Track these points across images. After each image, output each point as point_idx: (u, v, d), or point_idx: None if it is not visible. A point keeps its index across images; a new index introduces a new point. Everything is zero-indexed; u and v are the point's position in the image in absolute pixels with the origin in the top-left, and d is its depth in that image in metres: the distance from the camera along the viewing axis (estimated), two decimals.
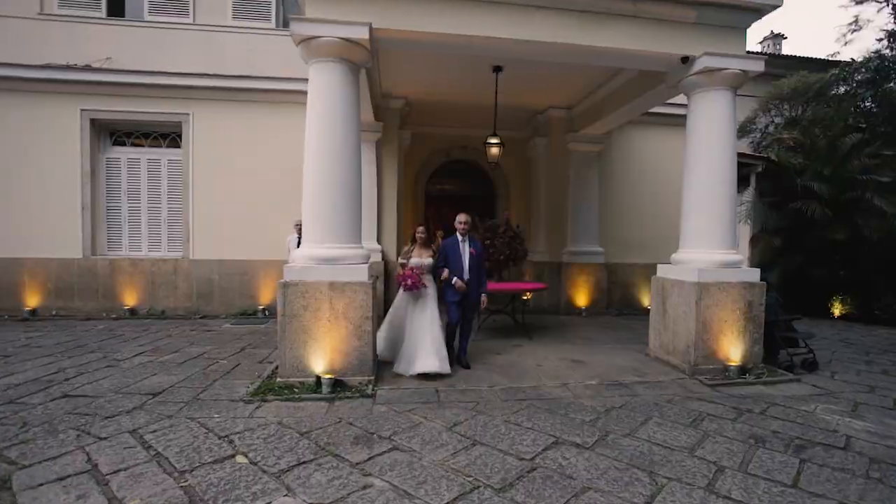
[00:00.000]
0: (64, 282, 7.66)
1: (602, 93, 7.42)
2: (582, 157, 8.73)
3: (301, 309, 4.17)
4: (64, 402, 3.74)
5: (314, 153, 4.39)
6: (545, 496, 2.45)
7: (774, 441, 3.19)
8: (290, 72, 7.86)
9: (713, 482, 2.63)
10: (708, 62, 4.78)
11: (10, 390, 3.99)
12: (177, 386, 4.18)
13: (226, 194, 7.92)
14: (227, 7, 8.02)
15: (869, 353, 6.00)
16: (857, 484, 2.63)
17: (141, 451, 2.89)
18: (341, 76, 4.40)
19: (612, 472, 2.72)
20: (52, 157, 7.55)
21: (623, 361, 5.27)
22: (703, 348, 4.79)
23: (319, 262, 4.23)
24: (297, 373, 4.19)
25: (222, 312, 7.98)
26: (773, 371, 4.86)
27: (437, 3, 4.36)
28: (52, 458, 2.77)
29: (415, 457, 2.88)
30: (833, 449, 3.08)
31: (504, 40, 4.54)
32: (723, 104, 4.93)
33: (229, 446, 2.99)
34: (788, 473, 2.73)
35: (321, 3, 4.23)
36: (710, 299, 4.78)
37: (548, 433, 3.26)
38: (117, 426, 3.27)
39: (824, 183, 8.63)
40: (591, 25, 4.59)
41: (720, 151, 4.94)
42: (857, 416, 3.70)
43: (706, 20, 4.76)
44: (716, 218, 4.98)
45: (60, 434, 3.12)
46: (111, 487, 2.47)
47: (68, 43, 7.59)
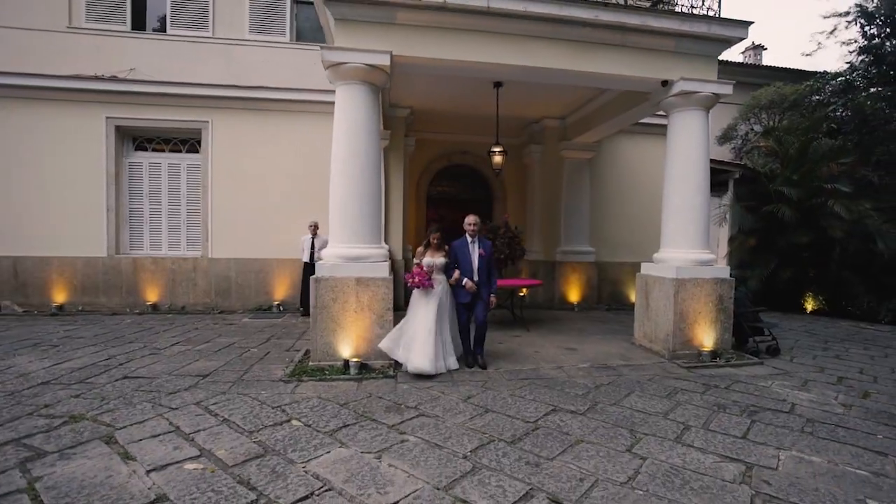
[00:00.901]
0: (90, 279, 8.15)
1: (592, 106, 8.10)
2: (574, 163, 9.41)
3: (331, 301, 4.76)
4: (127, 381, 4.30)
5: (341, 165, 4.98)
6: (547, 446, 3.09)
7: (733, 408, 3.87)
8: (302, 83, 8.46)
9: (681, 436, 3.29)
10: (684, 86, 5.47)
11: (75, 373, 4.54)
12: (220, 370, 4.75)
13: (242, 197, 8.46)
14: (245, 22, 8.56)
15: (828, 341, 6.74)
16: (793, 436, 3.31)
17: (210, 418, 3.48)
18: (365, 96, 5.00)
19: (600, 430, 3.37)
20: (78, 162, 8.03)
21: (611, 348, 5.94)
22: (680, 336, 5.47)
23: (347, 260, 4.83)
24: (327, 357, 4.78)
25: (239, 308, 8.52)
26: (741, 356, 5.56)
27: (450, 34, 4.97)
28: (140, 422, 3.35)
29: (439, 420, 3.50)
30: (779, 413, 3.76)
31: (509, 66, 5.18)
32: (697, 123, 5.61)
33: (283, 414, 3.58)
34: (741, 430, 3.41)
35: (349, 34, 4.82)
36: (686, 293, 5.46)
37: (547, 403, 3.91)
38: (182, 399, 3.85)
39: (794, 188, 9.38)
40: (584, 53, 5.24)
41: (695, 164, 5.62)
42: (805, 389, 4.40)
43: (683, 49, 5.44)
44: (691, 222, 5.66)
45: (137, 405, 3.69)
46: (197, 442, 3.06)
47: (94, 55, 8.09)
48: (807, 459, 2.97)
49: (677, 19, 5.30)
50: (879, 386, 4.61)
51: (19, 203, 7.87)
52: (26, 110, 7.82)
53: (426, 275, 4.72)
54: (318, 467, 2.74)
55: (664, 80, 5.54)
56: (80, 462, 2.73)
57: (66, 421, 3.33)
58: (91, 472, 2.63)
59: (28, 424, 3.26)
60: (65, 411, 3.52)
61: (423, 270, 4.73)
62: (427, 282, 4.71)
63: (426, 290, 4.73)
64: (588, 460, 2.90)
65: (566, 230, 9.48)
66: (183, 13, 8.42)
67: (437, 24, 4.94)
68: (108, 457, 2.81)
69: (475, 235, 4.92)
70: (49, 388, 4.07)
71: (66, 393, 3.94)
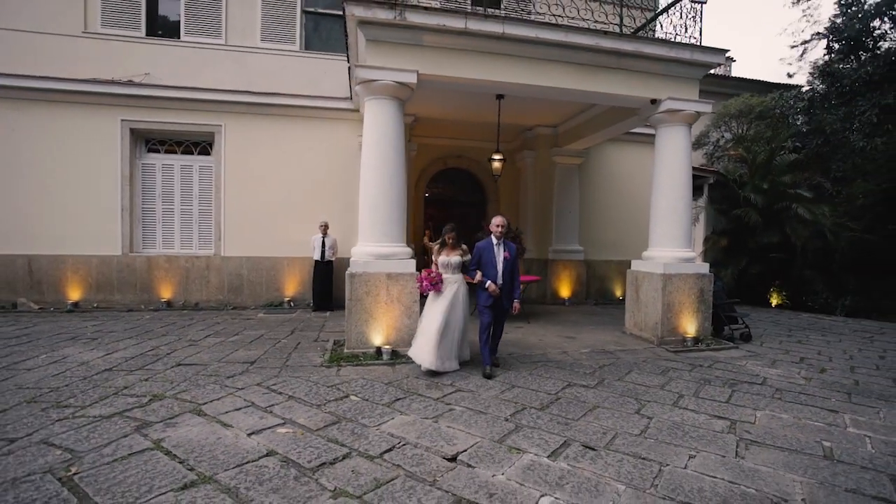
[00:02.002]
0: (104, 277, 8.40)
1: (583, 117, 8.83)
2: (565, 168, 10.14)
3: (364, 294, 5.30)
4: (182, 368, 4.74)
5: (371, 171, 5.51)
6: (570, 411, 3.73)
7: (716, 381, 4.61)
8: (311, 90, 8.91)
9: (677, 402, 3.99)
10: (671, 104, 6.22)
11: (130, 361, 4.94)
12: (263, 357, 5.22)
13: (254, 197, 8.84)
14: (256, 30, 8.93)
15: (791, 330, 7.66)
16: (766, 400, 4.06)
17: (276, 395, 3.98)
18: (392, 110, 5.55)
19: (611, 399, 4.04)
20: (93, 163, 8.26)
21: (606, 337, 6.67)
22: (667, 324, 6.23)
23: (378, 257, 5.37)
24: (360, 345, 5.32)
25: (251, 304, 8.90)
26: (718, 341, 6.36)
27: (470, 55, 5.57)
28: (217, 399, 3.83)
29: (475, 395, 4.10)
30: (754, 384, 4.52)
31: (521, 85, 5.82)
32: (681, 137, 6.39)
33: (339, 391, 4.12)
34: (724, 397, 4.14)
35: (379, 54, 5.36)
36: (672, 287, 6.22)
37: (562, 380, 4.56)
38: (243, 381, 4.33)
39: (760, 194, 10.38)
40: (586, 75, 5.93)
41: (679, 173, 6.40)
42: (774, 367, 5.20)
43: (670, 72, 6.19)
44: (676, 224, 6.43)
45: (206, 386, 4.15)
46: (276, 413, 3.57)
47: (109, 59, 8.32)
48: (777, 416, 3.70)
49: (665, 46, 6.04)
50: (833, 364, 5.46)
51: (34, 202, 8.04)
52: (43, 112, 8.01)
53: (433, 280, 4.75)
54: (389, 428, 3.30)
55: (653, 98, 6.28)
56: (186, 429, 3.22)
57: (152, 399, 3.78)
58: (201, 435, 3.12)
59: (120, 402, 3.70)
60: (144, 392, 3.96)
61: (430, 275, 4.78)
62: (434, 286, 4.74)
63: (436, 293, 4.79)
64: (606, 420, 3.56)
65: (557, 230, 10.21)
66: (197, 21, 8.73)
67: (459, 47, 5.52)
68: (207, 425, 3.30)
69: (501, 237, 4.78)
70: (115, 374, 4.48)
71: (134, 377, 4.36)
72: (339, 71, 9.07)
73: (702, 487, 2.60)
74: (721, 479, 2.69)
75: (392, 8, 5.19)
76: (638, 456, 2.97)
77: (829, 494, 2.57)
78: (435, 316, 4.70)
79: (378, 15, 5.18)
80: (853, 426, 3.55)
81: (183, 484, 2.49)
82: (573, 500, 2.44)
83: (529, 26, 5.57)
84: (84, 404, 3.64)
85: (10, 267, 8.04)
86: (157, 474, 2.59)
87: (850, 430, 3.47)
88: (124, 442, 2.99)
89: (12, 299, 8.08)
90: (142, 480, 2.52)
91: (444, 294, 4.77)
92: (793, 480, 2.71)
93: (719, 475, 2.74)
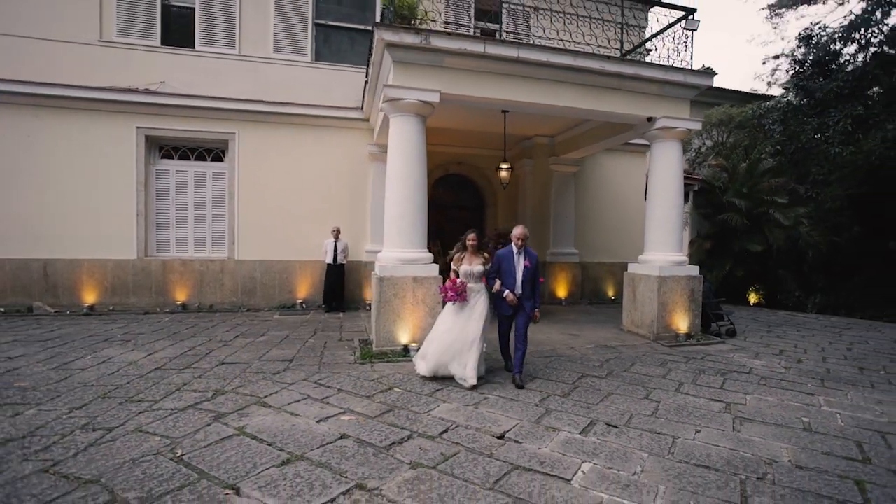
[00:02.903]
0: (120, 280, 8.62)
1: (580, 129, 9.43)
2: (562, 176, 10.75)
3: (392, 297, 5.75)
4: (227, 366, 5.11)
5: (396, 183, 5.97)
6: (589, 397, 4.28)
7: (709, 371, 5.23)
8: (322, 100, 9.30)
9: (678, 388, 4.58)
10: (665, 122, 6.85)
11: (175, 361, 5.28)
12: (298, 356, 5.62)
13: (266, 202, 9.17)
14: (269, 41, 9.26)
15: (770, 326, 8.40)
16: (753, 386, 4.68)
17: (326, 389, 4.41)
18: (415, 126, 6.02)
19: (622, 387, 4.60)
20: (109, 169, 8.47)
21: (606, 334, 7.26)
22: (662, 322, 6.85)
23: (404, 262, 5.84)
24: (388, 343, 5.77)
25: (264, 306, 9.23)
26: (707, 337, 7.02)
27: (488, 76, 6.08)
28: (274, 393, 4.24)
29: (503, 385, 4.61)
30: (742, 373, 5.16)
31: (533, 104, 6.36)
32: (674, 151, 7.03)
33: (382, 384, 4.57)
34: (718, 384, 4.75)
35: (405, 75, 5.82)
36: (666, 288, 6.85)
37: (576, 372, 5.11)
38: (290, 377, 4.74)
39: (743, 199, 11.18)
40: (592, 95, 6.51)
41: (672, 184, 7.04)
42: (757, 358, 5.86)
43: (665, 93, 6.82)
44: (669, 230, 7.07)
45: (258, 382, 4.55)
46: (333, 404, 4.01)
47: (125, 67, 8.56)
48: (764, 399, 4.32)
49: (661, 70, 6.67)
50: (808, 356, 6.16)
51: (49, 207, 8.21)
52: (60, 119, 8.20)
53: (458, 289, 4.57)
54: (439, 414, 3.78)
55: (650, 116, 6.90)
56: (259, 418, 3.64)
57: (215, 394, 4.18)
58: (276, 423, 3.55)
59: (187, 397, 4.08)
60: (204, 388, 4.35)
61: (455, 284, 4.59)
62: (459, 296, 4.58)
63: (462, 303, 4.64)
64: (621, 404, 4.11)
65: (554, 234, 10.80)
66: (211, 31, 9.01)
67: (477, 69, 6.03)
68: (277, 415, 3.73)
69: (522, 247, 4.72)
70: (167, 372, 4.83)
71: (187, 375, 4.73)
72: (349, 81, 9.49)
73: (709, 454, 3.16)
74: (723, 447, 3.27)
75: (418, 33, 5.66)
76: (653, 431, 3.52)
77: (808, 457, 3.16)
78: (453, 327, 4.59)
79: (405, 39, 5.64)
80: (826, 405, 4.19)
81: (281, 461, 2.93)
82: (608, 464, 2.97)
83: (541, 51, 6.11)
84: (155, 399, 4.01)
85: (25, 271, 8.21)
86: (254, 454, 3.02)
87: (823, 409, 4.10)
88: (210, 429, 3.40)
89: (27, 303, 8.25)
90: (243, 459, 2.95)
91: (468, 305, 4.64)
92: (780, 447, 3.30)
93: (722, 444, 3.32)
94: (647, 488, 2.70)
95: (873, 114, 11.67)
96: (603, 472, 2.88)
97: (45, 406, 3.77)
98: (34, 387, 4.24)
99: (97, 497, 2.48)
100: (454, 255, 4.89)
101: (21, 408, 3.72)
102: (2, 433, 3.24)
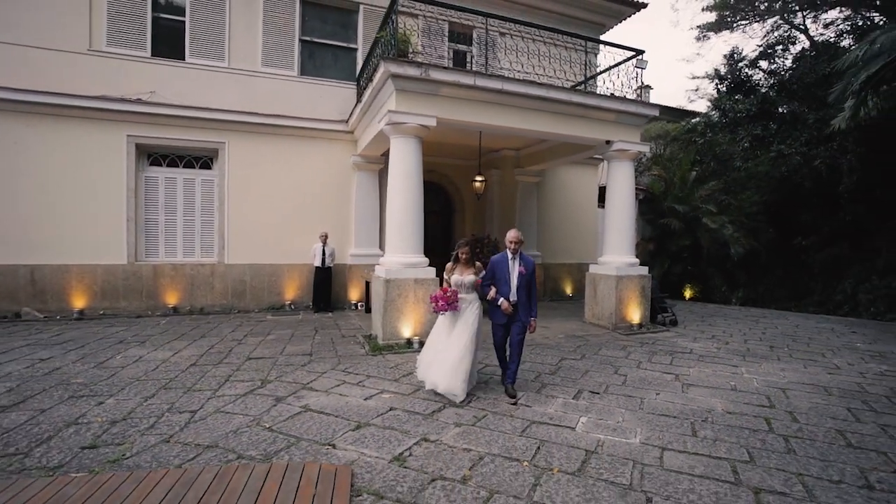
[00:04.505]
0: (110, 285, 8.77)
1: (544, 145, 10.62)
2: (526, 185, 11.93)
3: (396, 296, 6.57)
4: (256, 361, 5.72)
5: (398, 196, 6.78)
6: (571, 374, 5.35)
7: (660, 352, 6.49)
8: (308, 113, 9.87)
9: (639, 365, 5.77)
10: (621, 145, 8.13)
11: (204, 358, 5.81)
12: (314, 351, 6.30)
13: (255, 209, 9.62)
14: (258, 55, 9.69)
15: (703, 317, 10.00)
16: (694, 362, 5.98)
17: (357, 375, 5.17)
18: (414, 146, 6.86)
19: (595, 366, 5.72)
20: (99, 176, 8.61)
21: (572, 326, 8.46)
22: (619, 315, 8.12)
23: (406, 266, 6.67)
24: (393, 337, 6.58)
25: (254, 307, 9.67)
26: (654, 326, 8.39)
27: (477, 104, 7.03)
28: (315, 379, 4.95)
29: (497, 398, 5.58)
30: (685, 353, 6.47)
31: (512, 128, 7.39)
32: (627, 169, 8.33)
33: (400, 370, 5.39)
34: (668, 361, 6.00)
35: (406, 102, 6.64)
36: (622, 285, 8.13)
37: (555, 356, 6.19)
38: (319, 368, 5.45)
39: (679, 205, 12.90)
40: (561, 121, 7.63)
41: (626, 197, 8.34)
42: (695, 342, 7.25)
43: (621, 121, 8.09)
44: (624, 237, 8.37)
45: (293, 372, 5.23)
46: (369, 386, 4.79)
47: (114, 77, 8.71)
48: (702, 370, 5.60)
49: (618, 102, 7.93)
50: (734, 339, 7.63)
51: (37, 213, 8.24)
52: (49, 126, 8.25)
53: (449, 299, 4.45)
54: None
55: (608, 140, 8.15)
56: (314, 398, 4.37)
57: (262, 383, 4.83)
58: (331, 402, 4.30)
59: (240, 386, 4.72)
60: (248, 378, 4.98)
61: (446, 294, 4.48)
62: (450, 305, 4.47)
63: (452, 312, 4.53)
64: (597, 378, 5.22)
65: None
66: (201, 44, 9.32)
67: (468, 98, 6.96)
68: (327, 395, 4.47)
69: (517, 252, 4.58)
70: (204, 367, 5.38)
71: (225, 369, 5.31)
72: (332, 95, 10.11)
73: (668, 408, 4.30)
74: (677, 403, 4.42)
75: (419, 66, 6.52)
76: (626, 395, 4.63)
77: (734, 406, 4.38)
78: (447, 338, 4.52)
79: (408, 71, 6.48)
80: (746, 373, 5.52)
81: (354, 426, 3.72)
82: (599, 417, 4.02)
83: (520, 84, 7.15)
84: (213, 388, 4.62)
85: (12, 276, 8.20)
86: (329, 424, 3.78)
87: (744, 376, 5.42)
88: (278, 408, 4.11)
89: (14, 309, 8.24)
90: (322, 427, 3.71)
91: (460, 315, 4.53)
92: (715, 401, 4.50)
93: (675, 402, 4.47)
94: (629, 430, 3.76)
95: (770, 134, 13.82)
96: (596, 422, 3.93)
97: (118, 397, 4.29)
98: (91, 382, 4.70)
99: (225, 456, 3.18)
100: (447, 267, 4.78)
101: (100, 398, 4.23)
102: (104, 416, 3.79)
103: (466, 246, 4.71)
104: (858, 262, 12.49)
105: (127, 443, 3.35)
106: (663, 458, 3.29)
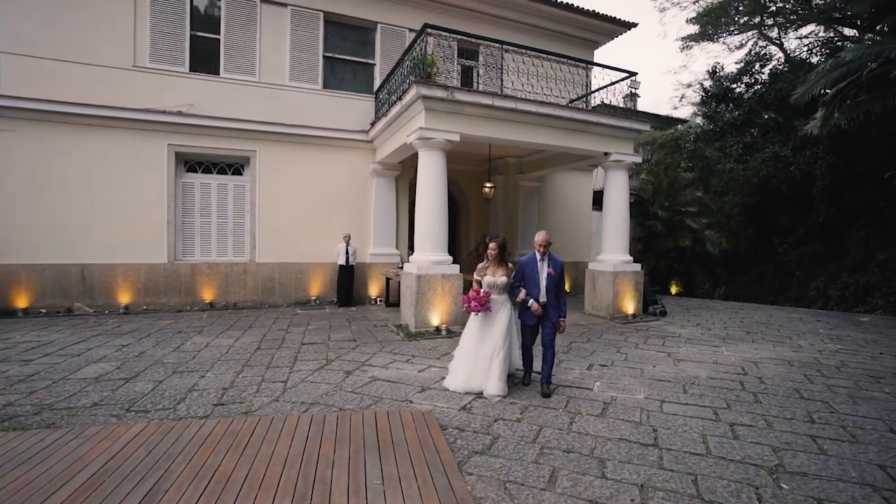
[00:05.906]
0: (152, 282, 9.55)
1: (546, 154, 11.66)
2: (527, 190, 12.97)
3: (426, 290, 7.52)
4: (310, 346, 6.61)
5: (425, 202, 7.74)
6: (582, 352, 6.37)
7: (654, 337, 7.57)
8: (331, 123, 10.74)
9: (637, 346, 6.83)
10: (617, 156, 9.20)
11: (264, 343, 6.68)
12: (357, 337, 7.21)
13: (283, 212, 10.47)
14: (285, 70, 10.53)
15: (689, 309, 11.16)
16: (683, 343, 7.06)
17: (403, 355, 6.11)
18: (439, 158, 7.82)
19: (600, 347, 6.76)
20: (142, 182, 9.38)
21: (575, 316, 9.49)
22: (615, 306, 9.19)
23: (434, 263, 7.62)
24: (423, 325, 7.53)
25: (282, 303, 10.52)
26: (646, 317, 9.48)
27: (495, 121, 8.02)
28: (369, 359, 5.87)
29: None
30: (675, 337, 7.55)
31: (523, 141, 8.40)
32: (623, 178, 9.42)
33: (437, 351, 6.35)
34: (661, 343, 7.07)
35: (435, 121, 7.59)
36: (619, 280, 9.20)
37: (565, 340, 7.21)
38: (368, 351, 6.36)
39: (664, 210, 14.08)
40: (565, 135, 8.66)
41: (622, 203, 9.42)
42: (683, 328, 8.35)
43: (617, 135, 9.16)
44: (620, 237, 9.44)
45: (348, 354, 6.15)
46: (417, 363, 5.74)
47: (156, 90, 9.48)
48: (691, 349, 6.68)
49: (615, 118, 8.99)
50: (715, 326, 8.76)
51: (87, 217, 8.98)
52: (97, 136, 9.00)
53: (482, 299, 4.44)
54: None
55: (606, 152, 9.21)
56: (378, 371, 5.31)
57: (328, 361, 5.74)
58: (393, 374, 5.24)
59: (309, 364, 5.62)
60: (313, 358, 5.89)
61: (479, 294, 4.46)
62: (483, 306, 4.46)
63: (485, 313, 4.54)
64: (604, 355, 6.25)
65: (522, 238, 12.99)
66: (234, 60, 10.13)
67: (486, 115, 7.94)
68: (387, 370, 5.40)
69: (546, 254, 4.62)
70: (268, 351, 6.26)
71: (288, 352, 6.20)
72: (352, 106, 11.00)
73: (663, 376, 5.34)
74: (670, 372, 5.47)
75: (445, 89, 7.48)
76: (629, 367, 5.67)
77: (716, 374, 5.44)
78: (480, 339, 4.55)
79: (436, 93, 7.43)
80: (726, 351, 6.62)
81: (419, 389, 4.67)
82: (609, 382, 5.04)
83: (531, 104, 8.16)
84: (287, 365, 5.52)
85: (64, 275, 8.93)
86: (398, 388, 4.72)
87: (724, 353, 6.52)
88: (352, 379, 5.03)
89: (66, 304, 8.98)
90: (394, 390, 4.65)
91: (492, 316, 4.55)
92: (701, 372, 5.57)
93: (669, 371, 5.53)
94: (635, 390, 4.79)
95: (757, 140, 15.13)
96: (608, 384, 4.95)
97: (214, 372, 5.17)
98: (181, 362, 5.56)
99: (330, 409, 4.10)
100: (478, 266, 4.78)
101: (200, 373, 5.10)
102: (214, 385, 4.67)
103: (494, 241, 4.69)
104: (831, 259, 13.81)
105: (246, 402, 4.26)
106: (663, 406, 4.32)
